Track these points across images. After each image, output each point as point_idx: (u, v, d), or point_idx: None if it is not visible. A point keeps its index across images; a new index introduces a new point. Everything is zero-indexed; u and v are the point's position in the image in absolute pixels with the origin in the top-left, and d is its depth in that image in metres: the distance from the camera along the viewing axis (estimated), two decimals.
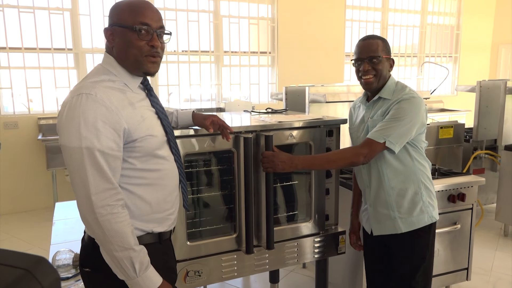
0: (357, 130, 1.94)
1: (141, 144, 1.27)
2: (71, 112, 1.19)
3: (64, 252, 2.08)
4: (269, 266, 2.02)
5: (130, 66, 1.31)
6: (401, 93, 1.80)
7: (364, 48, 1.80)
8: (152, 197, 1.33)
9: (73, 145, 1.18)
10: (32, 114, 4.75)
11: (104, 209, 1.19)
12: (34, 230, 4.16)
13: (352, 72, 6.80)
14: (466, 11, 7.63)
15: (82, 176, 1.19)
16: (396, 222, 1.84)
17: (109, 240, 1.20)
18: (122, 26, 1.27)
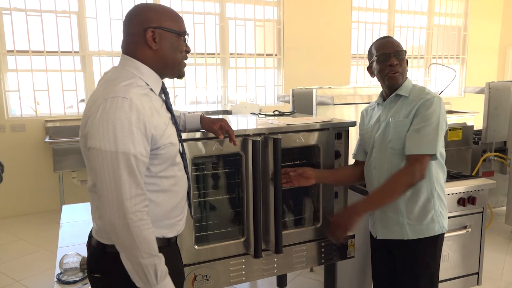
0: (371, 130, 1.90)
1: (163, 151, 1.27)
2: (106, 114, 1.17)
3: (71, 255, 2.07)
4: (277, 271, 2.00)
5: (168, 70, 1.34)
6: (422, 93, 1.77)
7: (389, 44, 1.79)
8: (165, 204, 1.32)
9: (108, 149, 1.16)
10: (39, 116, 4.77)
11: (135, 215, 1.18)
12: (40, 232, 4.17)
13: (359, 74, 6.81)
14: (474, 12, 7.57)
15: (115, 180, 1.17)
16: (404, 228, 1.79)
17: (137, 246, 1.19)
18: (170, 30, 1.30)
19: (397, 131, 1.75)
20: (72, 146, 4.45)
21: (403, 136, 1.73)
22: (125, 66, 1.30)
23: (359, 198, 2.45)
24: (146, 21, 1.28)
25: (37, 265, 3.42)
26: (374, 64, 1.82)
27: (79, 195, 4.73)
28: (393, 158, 1.77)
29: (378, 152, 1.84)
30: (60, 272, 2.03)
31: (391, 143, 1.78)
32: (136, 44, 1.30)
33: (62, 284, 1.96)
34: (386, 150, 1.80)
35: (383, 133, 1.82)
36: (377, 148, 1.84)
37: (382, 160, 1.82)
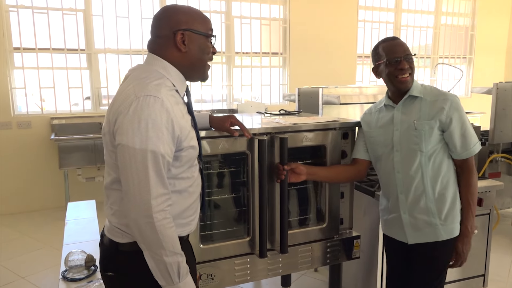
0: (384, 133, 1.84)
1: (184, 153, 1.28)
2: (138, 112, 1.17)
3: (76, 253, 2.08)
4: (282, 270, 1.99)
5: (194, 72, 1.36)
6: (438, 93, 1.77)
7: (398, 47, 1.76)
8: (180, 204, 1.32)
9: (138, 147, 1.16)
10: (45, 114, 4.79)
11: (160, 214, 1.19)
12: (46, 229, 4.19)
13: (365, 73, 6.78)
14: (481, 11, 7.51)
15: (143, 178, 1.17)
16: (438, 229, 1.76)
17: (161, 245, 1.20)
18: (199, 32, 1.31)
19: (424, 133, 1.73)
20: (77, 144, 4.46)
21: (432, 137, 1.73)
22: (153, 65, 1.31)
23: (368, 199, 2.44)
24: (175, 23, 1.29)
25: (42, 261, 3.44)
26: (382, 66, 1.78)
27: (84, 193, 4.74)
28: (421, 160, 1.74)
29: (401, 155, 1.78)
30: (65, 269, 2.04)
31: (418, 145, 1.74)
32: (165, 46, 1.31)
33: (67, 282, 1.96)
34: (413, 153, 1.75)
35: (406, 136, 1.77)
36: (399, 151, 1.78)
37: (408, 164, 1.76)
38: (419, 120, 1.74)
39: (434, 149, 1.74)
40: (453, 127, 1.72)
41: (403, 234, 1.83)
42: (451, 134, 1.73)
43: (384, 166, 1.86)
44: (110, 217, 1.33)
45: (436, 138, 1.74)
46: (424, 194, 1.76)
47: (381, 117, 1.88)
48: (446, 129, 1.73)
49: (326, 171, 1.96)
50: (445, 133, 1.74)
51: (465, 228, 1.77)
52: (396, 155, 1.79)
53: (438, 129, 1.73)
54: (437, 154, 1.75)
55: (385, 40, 1.81)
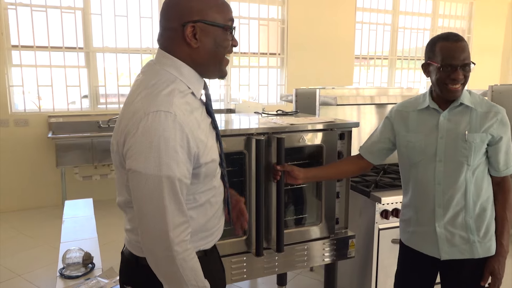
0: (426, 139, 1.68)
1: (204, 169, 1.14)
2: (148, 133, 1.02)
3: (74, 250, 2.09)
4: (278, 269, 2.01)
5: (212, 68, 1.18)
6: (489, 104, 1.66)
7: (458, 53, 1.56)
8: (202, 217, 1.21)
9: (152, 173, 1.02)
10: (42, 112, 4.79)
11: (180, 246, 1.06)
12: (42, 228, 4.19)
13: (362, 74, 6.81)
14: (478, 14, 7.56)
15: (159, 209, 1.04)
16: (475, 247, 1.66)
17: (182, 279, 1.08)
18: (213, 24, 1.12)
19: (475, 146, 1.61)
20: (75, 142, 4.47)
21: (481, 151, 1.63)
22: (164, 65, 1.14)
23: (364, 199, 2.46)
24: (185, 13, 1.11)
25: (38, 259, 3.44)
26: (433, 67, 1.61)
27: (81, 191, 4.75)
28: (467, 174, 1.63)
29: (445, 166, 1.65)
30: (62, 266, 2.05)
31: (467, 158, 1.62)
32: (174, 40, 1.13)
33: (65, 279, 1.98)
34: (459, 165, 1.63)
35: (453, 147, 1.63)
36: (442, 162, 1.65)
37: (451, 176, 1.64)
38: (470, 131, 1.62)
39: (479, 162, 1.64)
40: (501, 144, 1.63)
41: (435, 249, 1.71)
42: (497, 150, 1.64)
43: (422, 176, 1.71)
44: (128, 233, 1.23)
45: (483, 151, 1.64)
46: (464, 209, 1.66)
47: (422, 119, 1.71)
48: (493, 144, 1.64)
49: (327, 171, 1.90)
50: (491, 148, 1.64)
51: (501, 247, 1.66)
52: (438, 165, 1.66)
53: (486, 143, 1.63)
54: (480, 169, 1.66)
55: (447, 38, 1.59)
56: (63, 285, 1.94)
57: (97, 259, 2.15)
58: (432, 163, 1.67)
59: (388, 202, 2.37)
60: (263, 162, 1.84)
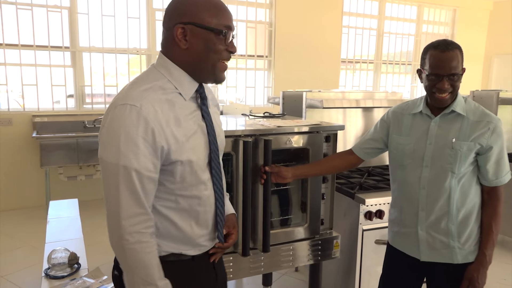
0: (416, 143, 1.71)
1: (179, 168, 1.14)
2: (113, 123, 1.08)
3: (59, 251, 2.08)
4: (264, 269, 2.04)
5: (201, 72, 1.19)
6: (483, 114, 1.64)
7: (444, 63, 1.57)
8: (184, 223, 1.21)
9: (111, 161, 1.08)
10: (26, 111, 4.73)
11: (132, 237, 1.09)
12: (26, 228, 4.14)
13: (348, 78, 6.90)
14: (460, 21, 7.74)
15: (115, 196, 1.09)
16: (455, 252, 1.68)
17: (132, 271, 1.11)
18: (204, 27, 1.13)
19: (461, 154, 1.62)
20: (59, 142, 4.43)
21: (467, 159, 1.63)
22: (157, 65, 1.19)
23: (348, 200, 2.51)
24: (178, 15, 1.13)
25: (22, 260, 3.40)
26: (423, 75, 1.64)
27: (65, 191, 4.71)
28: (451, 181, 1.64)
29: (431, 172, 1.67)
30: (48, 267, 2.04)
31: (451, 166, 1.63)
32: (168, 41, 1.17)
33: (50, 279, 1.97)
34: (444, 172, 1.65)
35: (440, 153, 1.65)
36: (429, 168, 1.67)
37: (436, 182, 1.67)
38: (457, 139, 1.62)
39: (466, 171, 1.64)
40: (491, 154, 1.63)
41: (416, 250, 1.75)
42: (487, 159, 1.64)
43: (407, 178, 1.74)
44: None
45: (470, 160, 1.63)
46: (446, 215, 1.67)
47: (414, 124, 1.73)
48: (482, 153, 1.63)
49: (315, 168, 1.93)
50: (481, 157, 1.64)
51: (483, 256, 1.65)
52: (424, 170, 1.68)
53: (475, 152, 1.63)
54: (468, 177, 1.66)
55: (437, 46, 1.60)
56: (48, 285, 1.93)
57: (83, 260, 2.14)
58: (419, 167, 1.69)
59: (372, 204, 2.42)
60: (250, 164, 1.86)
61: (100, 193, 5.10)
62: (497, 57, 8.01)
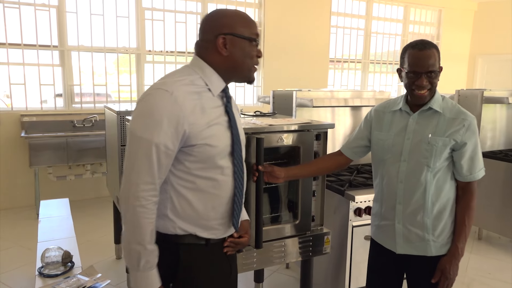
0: (395, 139, 1.79)
1: (198, 150, 1.29)
2: (146, 103, 1.26)
3: (53, 249, 2.09)
4: (256, 265, 2.07)
5: (238, 74, 1.39)
6: (459, 112, 1.72)
7: (422, 61, 1.65)
8: (200, 203, 1.34)
9: (137, 133, 1.24)
10: (14, 110, 4.69)
11: (138, 200, 1.24)
12: (15, 228, 4.11)
13: (336, 77, 6.97)
14: (446, 22, 7.88)
15: (134, 162, 1.24)
16: (429, 245, 1.75)
17: (129, 228, 1.26)
18: (241, 37, 1.33)
19: (436, 149, 1.69)
20: (49, 142, 4.40)
21: (442, 154, 1.69)
22: (192, 65, 1.38)
23: (338, 198, 2.56)
24: (218, 27, 1.33)
25: (12, 260, 3.38)
26: (403, 73, 1.72)
27: (54, 191, 4.68)
28: (426, 175, 1.71)
29: (408, 166, 1.74)
30: (41, 265, 2.05)
31: (427, 160, 1.70)
32: (207, 49, 1.35)
33: (44, 278, 1.98)
34: (419, 166, 1.72)
35: (416, 148, 1.72)
36: (406, 162, 1.74)
37: (413, 176, 1.73)
38: (434, 134, 1.70)
39: (441, 166, 1.71)
40: (465, 150, 1.69)
41: (393, 243, 1.82)
42: (461, 155, 1.70)
43: (386, 172, 1.81)
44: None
45: (445, 156, 1.70)
46: (422, 209, 1.74)
47: (394, 121, 1.82)
48: (457, 149, 1.70)
49: (306, 169, 1.98)
50: (455, 153, 1.71)
51: (455, 248, 1.73)
52: (402, 165, 1.75)
53: (450, 148, 1.70)
54: (443, 172, 1.73)
55: (415, 46, 1.68)
56: (42, 284, 1.94)
57: (76, 258, 2.15)
58: (397, 162, 1.76)
59: (362, 200, 2.47)
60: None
61: (90, 193, 5.10)
62: (481, 56, 8.18)
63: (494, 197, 3.80)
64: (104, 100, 5.25)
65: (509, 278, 3.25)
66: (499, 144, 4.18)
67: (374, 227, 1.94)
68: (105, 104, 3.80)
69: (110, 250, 3.55)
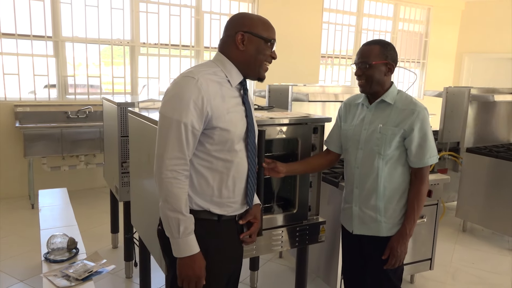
0: (355, 130, 1.97)
1: (218, 133, 1.45)
2: (175, 88, 1.42)
3: (58, 236, 2.15)
4: (256, 252, 2.16)
5: (250, 69, 1.54)
6: (410, 103, 1.87)
7: (360, 53, 1.89)
8: (215, 182, 1.50)
9: (167, 115, 1.40)
10: (8, 101, 4.68)
11: (171, 173, 1.39)
12: (10, 218, 4.13)
13: (327, 73, 7.08)
14: (434, 20, 8.04)
15: (165, 140, 1.40)
16: (381, 226, 1.93)
17: (166, 199, 1.40)
18: (258, 36, 1.51)
19: (386, 138, 1.85)
20: (43, 132, 4.41)
21: (392, 143, 1.85)
22: (215, 59, 1.55)
23: (332, 189, 2.67)
24: (239, 25, 1.51)
25: (8, 249, 3.41)
26: None
27: (48, 182, 4.70)
28: (378, 162, 1.89)
29: (363, 154, 1.93)
30: (47, 251, 2.11)
31: (378, 148, 1.87)
32: (227, 44, 1.53)
33: (50, 263, 2.04)
34: (372, 153, 1.90)
35: (370, 137, 1.90)
36: (362, 150, 1.93)
37: (367, 162, 1.92)
38: (385, 125, 1.87)
39: (393, 154, 1.88)
40: (413, 136, 1.83)
41: (350, 224, 2.03)
42: (409, 142, 1.85)
43: (348, 160, 2.03)
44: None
45: (396, 144, 1.86)
46: (375, 193, 1.92)
47: (357, 114, 2.01)
48: (407, 137, 1.85)
49: (304, 166, 2.12)
50: (406, 140, 1.86)
51: (404, 228, 1.89)
52: (359, 152, 1.95)
53: (400, 137, 1.85)
54: (395, 159, 1.88)
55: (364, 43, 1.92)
56: (48, 269, 2.00)
57: (80, 245, 2.22)
58: (356, 150, 1.96)
59: None
60: None
61: (85, 184, 5.12)
62: (468, 55, 8.38)
63: (478, 191, 3.96)
64: (96, 92, 5.26)
65: (491, 267, 3.41)
66: (483, 140, 4.33)
67: (341, 211, 2.15)
68: (102, 95, 3.82)
69: (106, 239, 3.61)
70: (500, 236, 4.05)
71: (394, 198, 1.92)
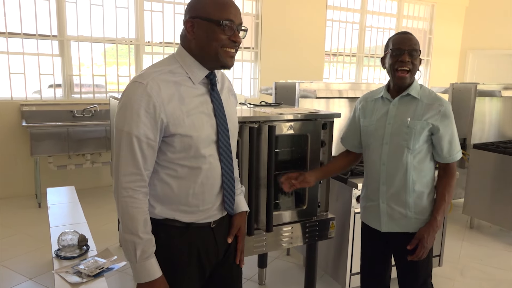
0: (378, 125, 1.90)
1: (178, 140, 1.30)
2: (123, 97, 1.28)
3: (69, 233, 2.15)
4: (266, 248, 2.17)
5: (208, 59, 1.33)
6: (435, 98, 1.85)
7: (406, 41, 1.81)
8: (181, 191, 1.35)
9: (118, 127, 1.27)
10: (14, 100, 4.69)
11: (126, 191, 1.27)
12: (17, 217, 4.14)
13: (332, 70, 7.07)
14: (438, 16, 8.01)
15: (118, 156, 1.27)
16: (411, 222, 1.88)
17: (122, 220, 1.29)
18: (207, 19, 1.29)
19: (415, 132, 1.81)
20: (49, 131, 4.42)
21: (421, 137, 1.81)
22: (176, 54, 1.38)
23: (340, 185, 2.66)
24: (189, 11, 1.33)
25: (16, 248, 3.42)
26: (387, 56, 1.85)
27: (55, 181, 4.71)
28: (407, 157, 1.83)
29: (390, 149, 1.86)
30: (58, 248, 2.11)
31: (407, 142, 1.82)
32: (183, 35, 1.36)
33: (61, 260, 2.04)
34: (400, 148, 1.83)
35: (397, 132, 1.84)
36: (388, 145, 1.86)
37: (394, 158, 1.85)
38: (412, 119, 1.82)
39: (421, 148, 1.84)
40: (442, 133, 1.82)
41: (378, 222, 1.95)
42: (440, 138, 1.83)
43: (371, 156, 1.94)
44: None
45: (424, 138, 1.82)
46: (404, 190, 1.86)
47: (376, 108, 1.94)
48: (435, 133, 1.82)
49: (328, 171, 2.11)
50: (434, 136, 1.84)
51: (434, 219, 1.85)
52: (384, 148, 1.87)
53: (428, 131, 1.82)
54: (422, 154, 1.85)
55: (397, 33, 1.88)
56: (59, 266, 2.00)
57: (91, 242, 2.22)
58: (380, 145, 1.89)
59: None
60: (254, 148, 1.98)
61: (91, 182, 5.13)
62: (472, 51, 8.34)
63: (485, 187, 3.95)
64: (101, 91, 5.26)
65: (499, 264, 3.40)
66: (490, 136, 4.32)
67: (362, 209, 2.06)
68: (109, 94, 3.82)
69: (114, 237, 3.62)
70: (508, 232, 4.04)
71: (423, 194, 1.88)
